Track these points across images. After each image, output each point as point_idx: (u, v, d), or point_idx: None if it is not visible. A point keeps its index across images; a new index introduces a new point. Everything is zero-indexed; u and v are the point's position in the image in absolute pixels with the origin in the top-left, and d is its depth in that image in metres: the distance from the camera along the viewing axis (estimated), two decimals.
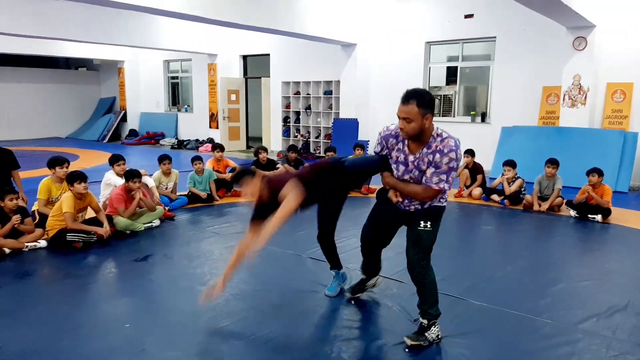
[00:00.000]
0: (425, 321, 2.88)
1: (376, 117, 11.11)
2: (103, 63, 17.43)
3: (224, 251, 4.67)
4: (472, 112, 10.23)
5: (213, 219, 6.01)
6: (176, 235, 5.28)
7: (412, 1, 10.40)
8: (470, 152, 7.27)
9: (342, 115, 11.34)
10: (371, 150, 10.93)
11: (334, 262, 3.55)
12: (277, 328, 3.06)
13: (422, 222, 2.79)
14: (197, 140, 14.54)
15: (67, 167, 5.26)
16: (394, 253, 4.62)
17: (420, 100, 2.52)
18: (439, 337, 2.87)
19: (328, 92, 11.86)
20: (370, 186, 7.44)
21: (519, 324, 3.16)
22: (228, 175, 7.28)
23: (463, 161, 7.37)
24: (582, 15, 7.22)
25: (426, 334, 2.84)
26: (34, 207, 5.33)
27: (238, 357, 2.75)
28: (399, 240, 5.09)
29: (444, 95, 10.69)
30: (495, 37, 9.53)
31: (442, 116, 10.62)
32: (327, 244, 3.43)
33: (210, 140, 13.94)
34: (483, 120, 10.02)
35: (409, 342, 2.82)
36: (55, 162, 5.24)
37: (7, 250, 4.49)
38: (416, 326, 2.96)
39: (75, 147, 13.84)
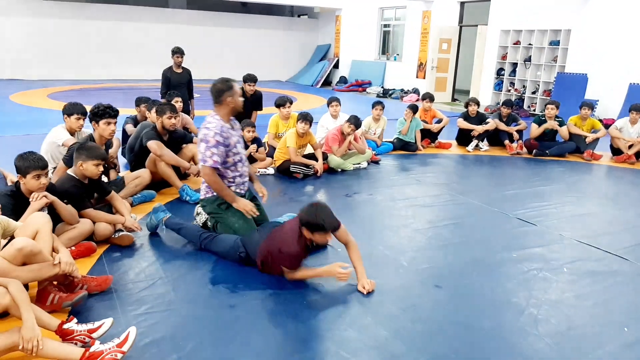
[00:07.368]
0: None
1: (609, 75, 9.59)
2: (322, 11, 18.52)
3: (427, 199, 4.76)
4: None
5: (416, 167, 6.11)
6: (381, 178, 5.55)
7: None
8: None
9: (567, 70, 10.10)
10: (599, 111, 9.59)
11: None
12: (469, 281, 3.07)
13: None
14: (402, 90, 14.64)
15: (289, 107, 5.94)
16: (620, 228, 4.13)
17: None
18: None
19: (554, 43, 10.61)
20: (594, 152, 6.61)
21: None
22: (434, 126, 7.24)
23: None
24: None
25: None
26: (264, 139, 6.15)
27: (430, 297, 2.86)
28: (621, 212, 4.51)
29: None
30: None
31: None
32: None
33: (415, 91, 13.90)
34: None
35: None
36: (280, 102, 5.96)
37: None
38: None
39: (294, 90, 15.23)
